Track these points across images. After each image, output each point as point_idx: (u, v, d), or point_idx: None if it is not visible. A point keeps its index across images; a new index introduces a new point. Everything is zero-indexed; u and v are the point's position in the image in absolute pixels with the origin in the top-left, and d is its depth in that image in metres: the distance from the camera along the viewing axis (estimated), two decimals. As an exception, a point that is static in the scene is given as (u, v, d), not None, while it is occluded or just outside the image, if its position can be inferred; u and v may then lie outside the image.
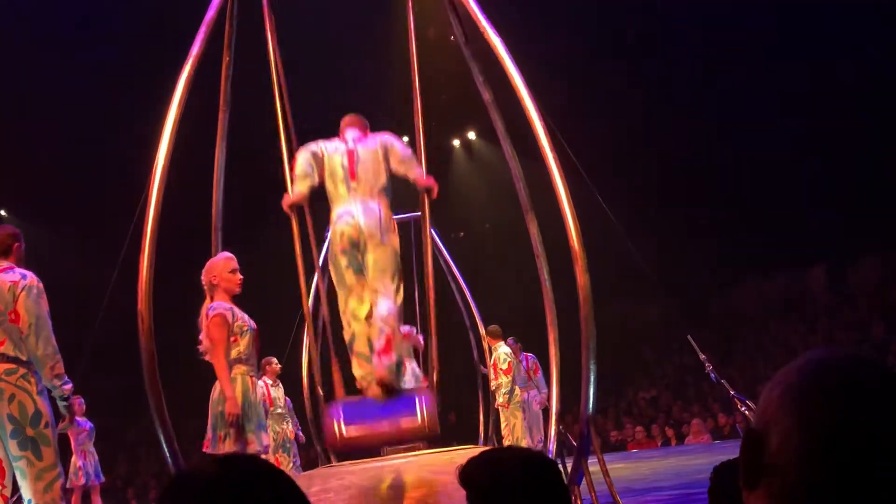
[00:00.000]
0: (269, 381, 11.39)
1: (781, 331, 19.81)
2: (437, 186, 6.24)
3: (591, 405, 5.82)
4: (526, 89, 6.07)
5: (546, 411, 10.20)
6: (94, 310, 7.18)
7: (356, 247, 5.97)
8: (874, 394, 0.98)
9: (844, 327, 18.64)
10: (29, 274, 5.33)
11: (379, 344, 5.88)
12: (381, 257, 5.95)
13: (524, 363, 12.61)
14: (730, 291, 22.17)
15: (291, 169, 6.37)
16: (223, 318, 5.86)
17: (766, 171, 19.47)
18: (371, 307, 6.03)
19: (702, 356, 7.38)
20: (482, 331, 13.04)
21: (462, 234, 21.50)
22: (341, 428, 5.80)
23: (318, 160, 6.22)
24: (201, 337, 6.01)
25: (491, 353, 12.42)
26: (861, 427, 0.96)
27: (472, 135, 22.65)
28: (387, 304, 5.92)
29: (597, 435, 5.87)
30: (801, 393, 1.00)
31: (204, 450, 5.99)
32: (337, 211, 6.10)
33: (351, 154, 6.17)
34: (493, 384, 12.23)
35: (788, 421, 0.99)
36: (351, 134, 6.35)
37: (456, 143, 23.22)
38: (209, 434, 5.90)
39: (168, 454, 5.54)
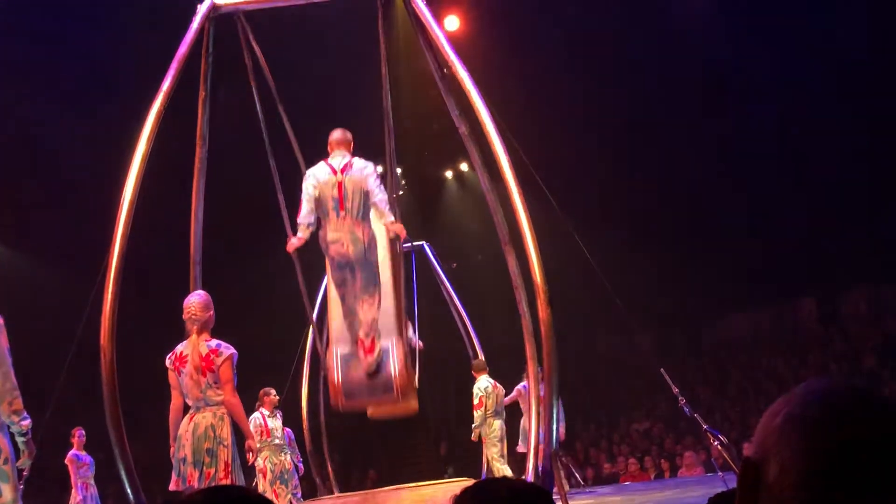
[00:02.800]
0: (267, 413, 11.34)
1: (773, 363, 19.79)
2: (404, 233, 7.70)
3: (554, 441, 5.76)
4: (493, 123, 6.06)
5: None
6: (85, 342, 7.12)
7: (345, 266, 7.37)
8: (876, 426, 0.99)
9: (836, 359, 18.64)
10: None
11: (367, 344, 7.32)
12: (364, 276, 7.36)
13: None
14: (721, 323, 22.18)
15: (296, 208, 7.20)
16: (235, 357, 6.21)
17: (756, 203, 19.57)
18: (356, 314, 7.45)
19: (675, 390, 7.40)
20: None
21: (455, 264, 21.50)
22: (338, 376, 7.40)
23: (316, 198, 7.20)
24: (193, 369, 5.98)
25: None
26: (863, 459, 0.96)
27: (464, 166, 22.69)
28: (370, 314, 7.37)
29: (559, 470, 5.80)
30: (803, 423, 1.00)
31: (173, 488, 5.98)
32: (330, 234, 7.27)
33: (340, 186, 7.17)
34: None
35: (789, 451, 0.99)
36: (338, 158, 7.34)
37: (448, 174, 23.27)
38: (188, 470, 5.87)
39: (128, 488, 5.46)
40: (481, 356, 12.97)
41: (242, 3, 7.31)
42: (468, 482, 1.82)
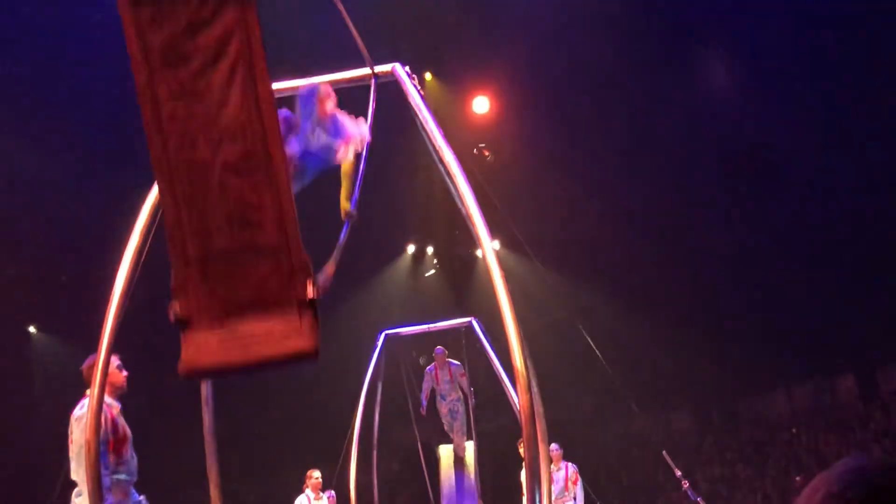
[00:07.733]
0: (312, 496, 11.52)
1: (813, 440, 19.40)
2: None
3: None
4: (468, 187, 5.93)
5: None
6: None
7: None
8: None
9: (877, 436, 18.23)
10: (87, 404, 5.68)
11: None
12: None
13: (565, 472, 12.03)
14: (760, 400, 21.84)
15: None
16: None
17: (793, 279, 19.43)
18: None
19: (678, 472, 7.31)
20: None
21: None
22: None
23: None
24: None
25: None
26: None
27: (496, 244, 22.70)
28: None
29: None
30: (842, 503, 1.02)
31: None
32: None
33: None
34: None
35: None
36: None
37: (479, 252, 23.33)
38: None
39: None
40: None
41: None
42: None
